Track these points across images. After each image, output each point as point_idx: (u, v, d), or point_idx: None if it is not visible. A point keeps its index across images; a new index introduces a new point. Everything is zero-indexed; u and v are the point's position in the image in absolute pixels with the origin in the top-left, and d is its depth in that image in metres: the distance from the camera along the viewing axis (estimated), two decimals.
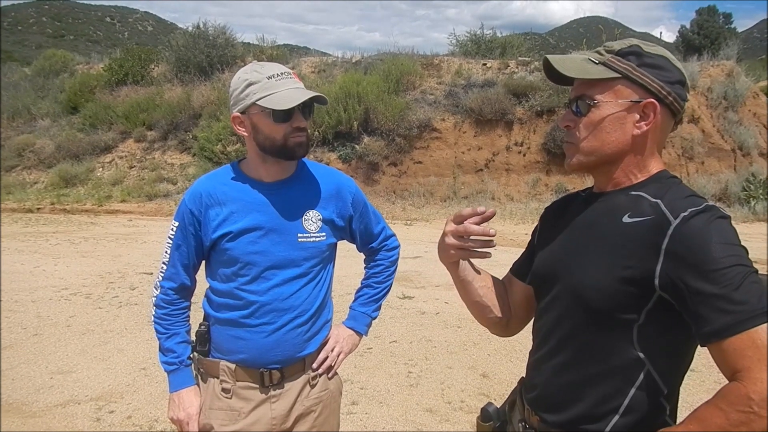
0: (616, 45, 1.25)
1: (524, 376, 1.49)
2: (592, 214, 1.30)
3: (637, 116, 1.23)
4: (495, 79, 15.60)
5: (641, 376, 1.19)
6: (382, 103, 14.40)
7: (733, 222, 1.16)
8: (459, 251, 1.39)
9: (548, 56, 1.27)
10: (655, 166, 1.28)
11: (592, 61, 1.24)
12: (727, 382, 1.06)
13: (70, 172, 15.75)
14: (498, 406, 1.51)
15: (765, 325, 1.01)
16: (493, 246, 1.36)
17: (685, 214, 1.12)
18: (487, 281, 1.53)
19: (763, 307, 1.03)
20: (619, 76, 1.22)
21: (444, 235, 1.40)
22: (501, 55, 18.23)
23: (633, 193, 1.25)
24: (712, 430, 1.00)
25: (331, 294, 2.01)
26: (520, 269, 1.54)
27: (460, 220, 1.36)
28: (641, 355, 1.18)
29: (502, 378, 4.34)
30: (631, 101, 1.22)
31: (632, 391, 1.19)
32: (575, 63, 1.25)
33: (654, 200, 1.20)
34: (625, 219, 1.21)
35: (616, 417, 1.20)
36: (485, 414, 1.48)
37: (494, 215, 1.35)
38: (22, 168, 16.72)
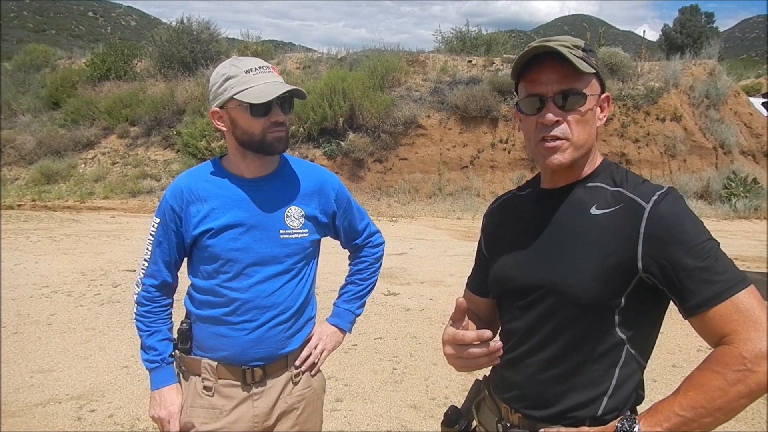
0: (578, 42, 1.28)
1: (486, 376, 1.50)
2: (553, 212, 1.33)
3: (599, 109, 1.31)
4: (480, 76, 15.64)
5: (623, 356, 1.24)
6: (367, 100, 14.37)
7: (714, 219, 1.21)
8: (458, 360, 1.32)
9: (562, 51, 1.22)
10: (598, 156, 1.36)
11: (575, 56, 1.25)
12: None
13: (51, 169, 15.54)
14: (459, 408, 1.52)
15: (743, 291, 1.10)
16: (500, 351, 1.29)
17: (655, 198, 1.19)
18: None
19: (739, 275, 1.12)
20: (594, 72, 1.27)
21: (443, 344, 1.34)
22: (486, 52, 18.27)
23: (589, 184, 1.31)
24: (712, 392, 1.06)
25: (314, 291, 2.00)
26: (481, 288, 1.54)
27: (455, 343, 1.29)
28: (623, 336, 1.23)
29: (485, 374, 4.34)
30: (599, 95, 1.30)
31: (617, 371, 1.24)
32: (577, 59, 1.24)
33: (614, 189, 1.26)
34: (594, 211, 1.26)
35: (606, 399, 1.24)
36: (449, 419, 1.48)
37: (465, 306, 1.28)
38: (3, 164, 16.46)
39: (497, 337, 1.40)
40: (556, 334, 1.27)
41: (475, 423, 1.49)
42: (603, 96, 1.31)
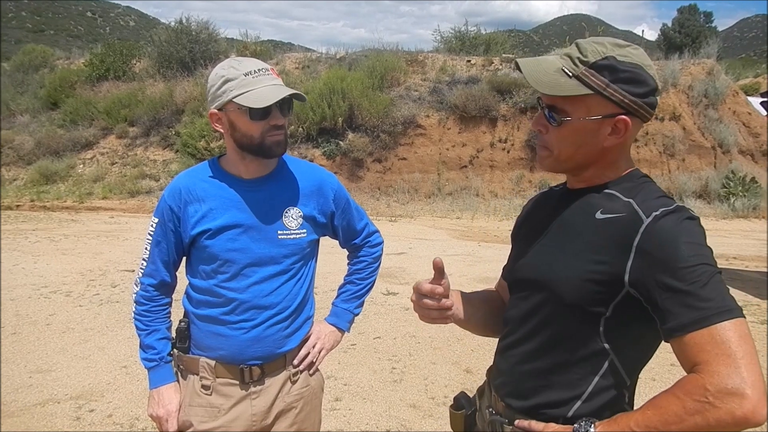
0: (591, 54, 1.22)
1: (492, 364, 1.52)
2: (566, 211, 1.33)
3: (609, 129, 1.23)
4: (479, 76, 15.65)
5: (605, 366, 1.23)
6: (366, 100, 14.38)
7: (713, 218, 1.18)
8: (429, 320, 1.45)
9: (521, 64, 1.27)
10: (625, 165, 1.31)
11: (566, 73, 1.23)
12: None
13: (50, 169, 15.54)
14: (470, 396, 1.56)
15: (725, 323, 1.05)
16: (450, 310, 1.43)
17: (657, 213, 1.16)
18: (481, 308, 1.57)
19: (725, 306, 1.07)
20: (592, 92, 1.21)
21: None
22: (485, 51, 18.29)
23: (606, 191, 1.29)
24: (668, 417, 1.04)
25: (313, 290, 2.00)
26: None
27: (419, 294, 1.41)
28: (606, 346, 1.22)
29: (485, 373, 4.34)
30: (603, 116, 1.23)
31: (596, 379, 1.24)
32: (548, 76, 1.23)
33: (626, 199, 1.23)
34: (598, 215, 1.25)
35: (579, 402, 1.24)
36: (457, 403, 1.53)
37: (442, 264, 1.38)
38: (1, 164, 16.45)
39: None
40: (540, 329, 1.29)
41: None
42: (615, 118, 1.22)
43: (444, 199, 14.08)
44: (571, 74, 1.22)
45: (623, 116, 1.22)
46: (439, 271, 1.38)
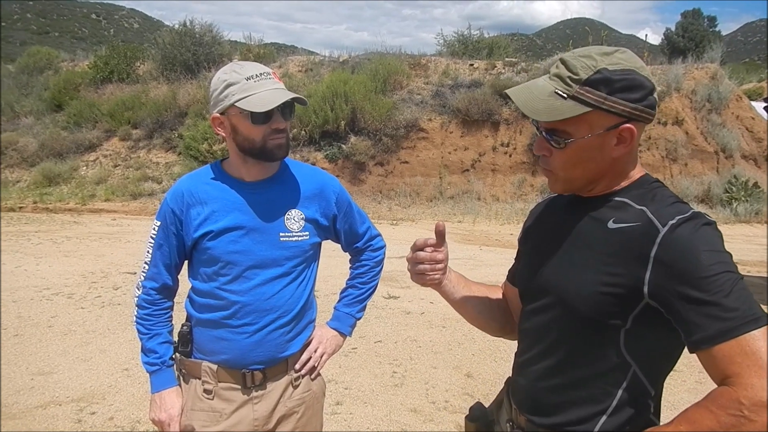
0: (581, 70, 1.19)
1: (511, 376, 1.50)
2: (577, 221, 1.30)
3: (615, 140, 1.21)
4: (482, 80, 15.65)
5: (628, 378, 1.21)
6: (369, 103, 14.39)
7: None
8: (417, 276, 1.47)
9: (512, 95, 1.25)
10: (635, 172, 1.29)
11: (560, 95, 1.20)
12: (714, 385, 1.07)
13: (53, 171, 15.56)
14: (486, 406, 1.53)
15: (755, 332, 1.03)
16: (440, 269, 1.46)
17: (673, 221, 1.13)
18: (481, 296, 1.56)
19: (753, 314, 1.04)
20: (591, 109, 1.18)
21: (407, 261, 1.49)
22: (488, 55, 18.30)
23: (617, 199, 1.26)
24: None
25: (314, 294, 2.00)
26: (514, 278, 1.54)
27: (415, 249, 1.45)
28: (628, 358, 1.20)
29: (486, 378, 4.34)
30: (606, 129, 1.21)
31: (619, 392, 1.21)
32: (543, 102, 1.21)
33: (639, 207, 1.20)
34: (611, 225, 1.21)
35: (604, 417, 1.22)
36: (473, 413, 1.51)
37: (444, 228, 1.44)
38: (5, 166, 16.49)
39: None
40: (558, 344, 1.26)
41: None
42: (619, 128, 1.20)
43: (446, 203, 14.07)
44: (566, 95, 1.19)
45: (626, 125, 1.20)
46: (440, 236, 1.42)
